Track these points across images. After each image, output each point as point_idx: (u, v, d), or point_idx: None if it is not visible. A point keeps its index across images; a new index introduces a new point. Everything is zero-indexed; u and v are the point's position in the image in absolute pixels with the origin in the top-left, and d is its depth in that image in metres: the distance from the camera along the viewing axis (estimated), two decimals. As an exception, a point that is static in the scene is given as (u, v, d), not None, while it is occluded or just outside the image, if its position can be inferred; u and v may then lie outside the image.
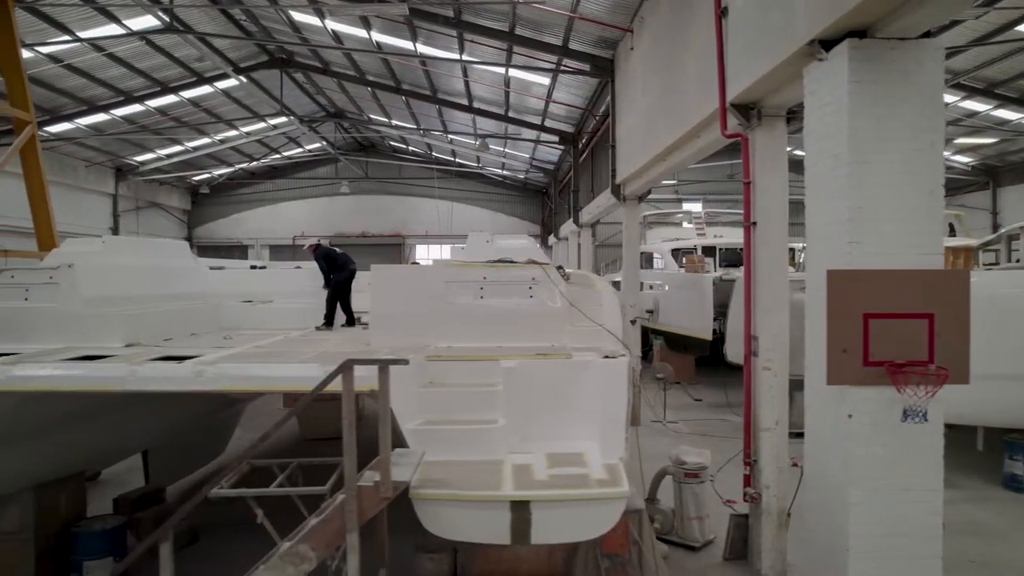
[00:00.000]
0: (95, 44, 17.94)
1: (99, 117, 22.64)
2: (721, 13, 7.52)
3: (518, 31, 14.96)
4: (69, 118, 22.23)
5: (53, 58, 18.11)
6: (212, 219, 36.47)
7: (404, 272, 7.03)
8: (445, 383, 5.98)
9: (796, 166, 7.26)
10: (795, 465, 7.60)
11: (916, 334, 4.89)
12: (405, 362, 4.23)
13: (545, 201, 36.03)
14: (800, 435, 6.07)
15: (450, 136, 28.06)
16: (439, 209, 34.39)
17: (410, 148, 34.26)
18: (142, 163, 29.17)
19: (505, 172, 34.88)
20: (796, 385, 10.04)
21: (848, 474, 4.99)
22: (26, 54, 17.85)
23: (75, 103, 21.41)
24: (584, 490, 4.69)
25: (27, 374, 5.28)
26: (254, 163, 33.16)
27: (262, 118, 27.16)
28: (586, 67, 15.17)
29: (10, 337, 6.92)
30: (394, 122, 27.95)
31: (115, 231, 29.03)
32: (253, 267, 12.81)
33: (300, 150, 34.28)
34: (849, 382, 4.98)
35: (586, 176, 22.36)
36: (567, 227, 27.64)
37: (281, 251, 35.02)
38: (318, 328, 8.94)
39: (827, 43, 5.24)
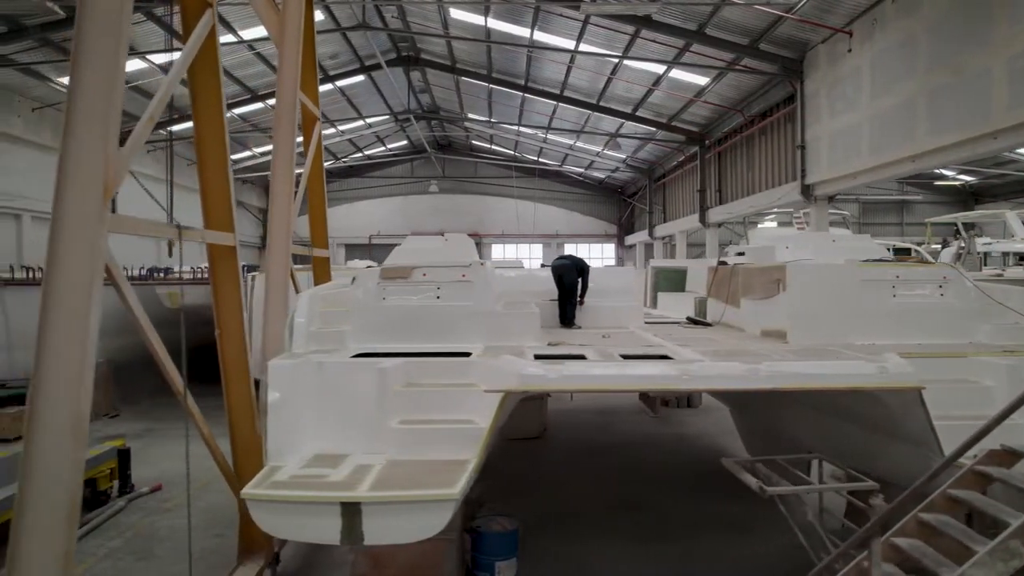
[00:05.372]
0: (250, 44, 17.87)
1: (220, 115, 22.49)
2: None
3: (708, 30, 15.00)
4: (191, 118, 22.06)
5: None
6: (286, 218, 36.16)
7: (821, 272, 7.07)
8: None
9: None
10: None
11: None
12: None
13: (623, 201, 36.05)
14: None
15: (546, 135, 28.07)
16: (518, 208, 34.34)
17: (494, 147, 34.20)
18: (236, 161, 28.99)
19: (584, 171, 34.84)
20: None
21: None
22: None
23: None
24: None
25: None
26: (338, 163, 33.05)
27: (362, 116, 27.09)
28: (773, 68, 15.23)
29: (423, 335, 6.89)
30: (493, 120, 27.94)
31: (208, 229, 28.82)
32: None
33: (382, 148, 34.18)
34: None
35: (708, 176, 22.43)
36: (668, 228, 27.76)
37: (357, 250, 34.87)
38: (574, 327, 8.93)
39: None
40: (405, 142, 34.17)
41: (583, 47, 17.78)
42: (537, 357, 6.13)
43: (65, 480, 3.64)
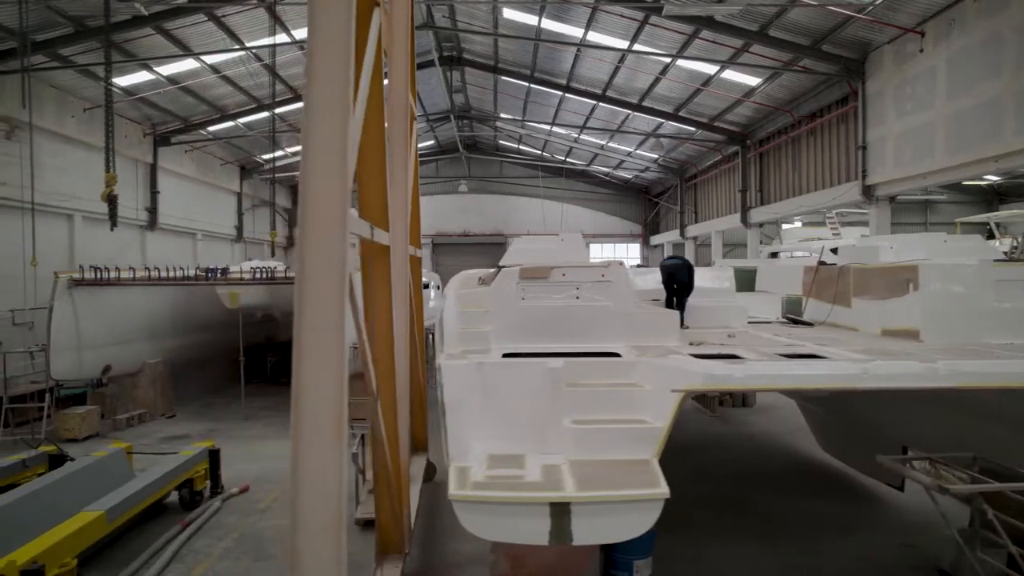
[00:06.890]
0: (301, 44, 17.84)
1: (261, 115, 22.49)
2: None
3: (770, 31, 15.03)
4: (234, 117, 22.09)
5: (258, 57, 18.01)
6: (311, 217, 36.11)
7: (955, 272, 7.12)
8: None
9: None
10: None
11: None
12: None
13: (649, 201, 36.09)
14: None
15: (579, 135, 28.08)
16: (544, 208, 34.39)
17: (522, 147, 34.20)
18: (267, 161, 28.97)
19: (610, 171, 34.84)
20: None
21: None
22: (235, 54, 17.72)
23: (248, 100, 21.30)
24: None
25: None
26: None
27: (395, 116, 27.05)
28: (833, 68, 15.28)
29: (564, 335, 6.91)
30: (526, 119, 27.95)
31: (239, 229, 28.85)
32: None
33: (409, 148, 34.14)
34: None
35: (750, 176, 22.47)
36: (702, 227, 27.81)
37: (382, 250, 34.77)
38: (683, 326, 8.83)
39: None
40: (432, 142, 34.14)
41: (636, 47, 17.81)
42: (695, 357, 6.16)
43: (332, 482, 3.65)
